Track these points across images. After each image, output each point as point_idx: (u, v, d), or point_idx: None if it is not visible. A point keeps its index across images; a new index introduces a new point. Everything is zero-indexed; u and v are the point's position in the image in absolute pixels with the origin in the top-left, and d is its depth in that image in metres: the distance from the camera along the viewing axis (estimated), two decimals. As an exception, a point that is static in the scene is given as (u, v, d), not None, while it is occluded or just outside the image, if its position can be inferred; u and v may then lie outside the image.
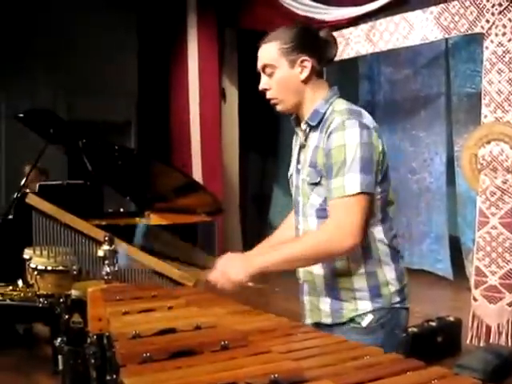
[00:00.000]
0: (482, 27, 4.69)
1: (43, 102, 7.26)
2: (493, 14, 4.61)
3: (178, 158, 8.48)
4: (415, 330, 4.27)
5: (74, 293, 2.80)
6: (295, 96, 1.91)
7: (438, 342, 4.35)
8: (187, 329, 1.58)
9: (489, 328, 4.61)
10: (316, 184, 1.87)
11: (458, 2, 4.90)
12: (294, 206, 2.05)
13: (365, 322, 1.89)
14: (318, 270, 1.93)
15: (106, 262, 2.52)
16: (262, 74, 1.94)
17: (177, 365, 1.30)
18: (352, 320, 1.90)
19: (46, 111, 5.20)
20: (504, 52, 4.54)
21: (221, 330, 1.57)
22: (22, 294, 3.92)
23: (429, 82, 7.46)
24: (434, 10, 5.13)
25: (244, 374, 1.23)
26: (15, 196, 4.88)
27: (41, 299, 3.69)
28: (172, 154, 8.65)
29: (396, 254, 1.93)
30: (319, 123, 1.88)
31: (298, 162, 1.98)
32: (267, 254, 1.88)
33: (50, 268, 3.61)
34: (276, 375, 1.19)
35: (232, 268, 1.84)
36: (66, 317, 2.78)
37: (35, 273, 3.65)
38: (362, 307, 1.89)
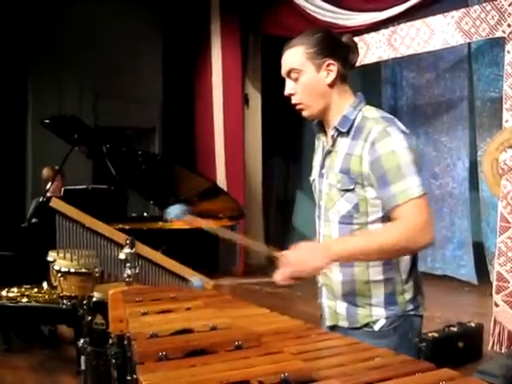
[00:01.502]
0: (504, 31, 4.67)
1: (70, 108, 7.40)
2: (514, 18, 4.60)
3: (202, 162, 8.57)
4: (436, 335, 4.24)
5: (96, 295, 2.86)
6: (321, 100, 1.90)
7: (458, 348, 4.32)
8: (203, 329, 1.61)
9: (510, 334, 4.58)
10: (348, 190, 1.86)
11: (479, 6, 4.90)
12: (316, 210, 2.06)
13: (377, 326, 1.91)
14: (336, 275, 1.94)
15: (128, 264, 2.57)
16: (287, 79, 1.93)
17: (191, 363, 1.34)
18: (366, 325, 1.92)
19: (72, 117, 5.30)
20: (526, 56, 4.53)
21: (236, 331, 1.60)
22: (47, 296, 4.01)
23: (451, 86, 7.43)
24: (455, 14, 5.13)
25: (256, 372, 1.26)
26: (40, 200, 4.99)
27: (64, 300, 3.76)
28: (196, 158, 8.73)
29: (413, 261, 1.94)
30: (349, 129, 1.87)
31: (323, 166, 1.97)
32: (346, 241, 1.83)
33: (73, 270, 3.68)
34: (286, 374, 1.23)
35: (311, 255, 1.78)
36: (89, 318, 2.84)
37: (59, 275, 3.72)
38: (375, 313, 1.91)
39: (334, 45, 1.90)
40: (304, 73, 1.88)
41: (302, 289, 5.67)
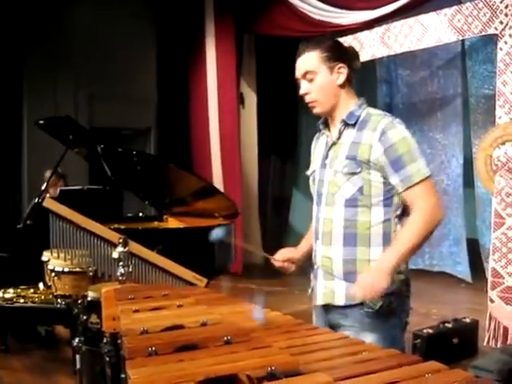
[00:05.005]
0: (496, 28, 4.69)
1: (65, 109, 7.40)
2: (506, 14, 4.62)
3: (198, 162, 8.58)
4: (431, 331, 4.26)
5: (90, 294, 2.86)
6: (332, 99, 2.14)
7: (453, 344, 4.33)
8: (194, 325, 1.63)
9: (506, 329, 4.60)
10: (353, 174, 2.06)
11: (471, 3, 4.92)
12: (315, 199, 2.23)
13: (377, 306, 2.05)
14: (337, 256, 2.10)
15: (121, 263, 2.59)
16: (303, 80, 2.16)
17: (180, 358, 1.35)
18: (364, 303, 2.05)
19: (67, 118, 5.28)
20: (518, 53, 4.54)
21: (226, 327, 1.61)
22: (43, 297, 4.02)
23: (445, 83, 7.45)
24: (448, 11, 5.15)
25: (243, 366, 1.28)
26: (36, 201, 5.00)
27: (59, 300, 3.77)
28: (192, 158, 8.74)
29: None
30: (355, 123, 2.11)
31: (326, 157, 2.17)
32: (390, 255, 2.01)
33: (67, 270, 3.70)
34: (273, 367, 1.24)
35: (373, 280, 1.97)
36: (84, 317, 2.85)
37: (53, 274, 3.74)
38: None
39: (343, 51, 2.17)
40: (318, 74, 2.12)
41: (299, 287, 5.69)
